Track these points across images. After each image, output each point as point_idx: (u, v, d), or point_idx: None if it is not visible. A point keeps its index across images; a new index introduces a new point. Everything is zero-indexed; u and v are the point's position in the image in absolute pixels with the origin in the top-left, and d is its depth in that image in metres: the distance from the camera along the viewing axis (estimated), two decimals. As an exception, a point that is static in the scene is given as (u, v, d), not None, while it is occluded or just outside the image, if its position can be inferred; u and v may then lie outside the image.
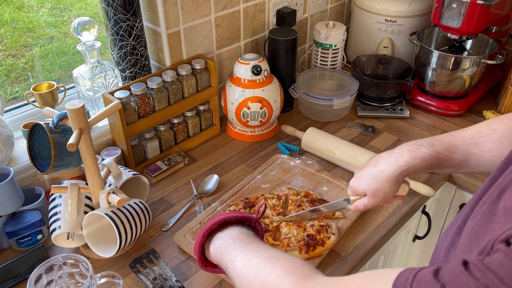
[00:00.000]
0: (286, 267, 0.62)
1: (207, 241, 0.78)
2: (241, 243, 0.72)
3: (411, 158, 0.77)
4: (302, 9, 1.49)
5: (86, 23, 1.08)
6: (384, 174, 0.79)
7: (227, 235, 0.75)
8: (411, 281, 0.45)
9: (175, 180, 1.16)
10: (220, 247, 0.74)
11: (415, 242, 1.33)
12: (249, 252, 0.69)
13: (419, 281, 0.44)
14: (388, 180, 0.78)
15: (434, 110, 1.42)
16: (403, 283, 0.46)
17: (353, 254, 0.95)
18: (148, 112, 1.14)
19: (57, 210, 0.92)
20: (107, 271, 0.86)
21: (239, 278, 0.67)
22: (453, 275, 0.43)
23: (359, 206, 0.84)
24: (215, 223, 0.77)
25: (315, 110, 1.36)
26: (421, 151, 0.77)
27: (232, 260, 0.70)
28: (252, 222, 0.80)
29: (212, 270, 0.79)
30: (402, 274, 0.47)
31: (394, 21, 1.49)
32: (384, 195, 0.80)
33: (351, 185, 0.85)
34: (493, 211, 0.50)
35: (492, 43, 1.40)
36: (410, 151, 0.78)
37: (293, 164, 1.19)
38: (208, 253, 0.78)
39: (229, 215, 0.78)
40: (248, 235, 0.75)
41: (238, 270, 0.67)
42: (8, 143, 1.01)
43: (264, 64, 1.23)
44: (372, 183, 0.80)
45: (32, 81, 1.26)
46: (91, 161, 0.86)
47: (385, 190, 0.79)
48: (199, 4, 1.18)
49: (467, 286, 0.41)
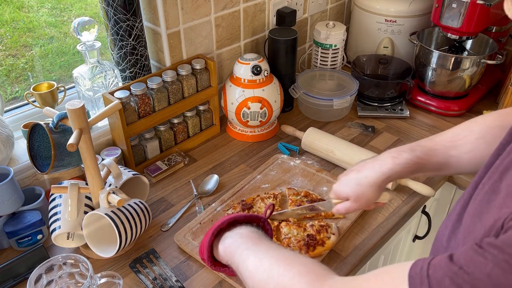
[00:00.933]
0: (300, 268, 0.61)
1: (215, 240, 0.78)
2: (252, 243, 0.72)
3: (394, 165, 0.80)
4: (302, 9, 1.49)
5: (86, 23, 1.08)
6: (368, 180, 0.81)
7: (237, 234, 0.75)
8: (426, 268, 0.45)
9: (175, 180, 1.16)
10: (231, 246, 0.74)
11: (415, 242, 1.33)
12: (261, 252, 0.68)
13: (435, 268, 0.45)
14: (371, 186, 0.81)
15: (434, 110, 1.42)
16: (418, 272, 0.46)
17: (353, 254, 0.95)
18: (148, 112, 1.14)
19: (57, 210, 0.92)
20: (107, 271, 0.86)
21: (251, 279, 0.66)
22: (469, 257, 0.43)
23: (341, 210, 0.86)
24: (224, 221, 0.77)
25: (315, 110, 1.36)
26: (403, 157, 0.80)
27: (243, 260, 0.69)
28: (260, 221, 0.80)
29: (221, 269, 0.78)
30: (416, 264, 0.47)
31: (394, 21, 1.49)
32: (367, 200, 0.83)
33: (334, 189, 0.87)
34: (495, 191, 0.50)
35: (492, 43, 1.40)
36: (393, 158, 0.81)
37: (293, 164, 1.19)
38: (216, 252, 0.77)
39: (238, 215, 0.78)
40: (258, 235, 0.74)
41: (250, 270, 0.67)
42: (8, 143, 1.01)
43: (264, 64, 1.23)
44: (356, 188, 0.83)
45: (32, 81, 1.26)
46: (91, 161, 0.86)
47: (368, 196, 0.82)
48: (199, 4, 1.18)
49: (485, 265, 0.41)
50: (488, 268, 0.41)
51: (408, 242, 1.31)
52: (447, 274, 0.43)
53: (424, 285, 0.45)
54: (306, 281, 0.59)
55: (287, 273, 0.62)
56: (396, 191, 1.11)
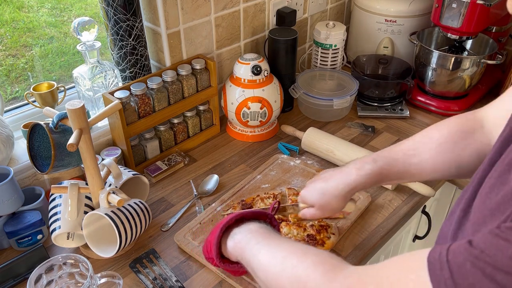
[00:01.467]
0: (314, 258, 0.61)
1: (222, 237, 0.78)
2: (262, 237, 0.72)
3: (358, 176, 0.82)
4: (302, 9, 1.49)
5: (86, 23, 1.08)
6: (332, 191, 0.84)
7: (247, 230, 0.75)
8: (445, 254, 0.45)
9: (175, 180, 1.16)
10: (241, 242, 0.74)
11: (415, 242, 1.33)
12: (272, 246, 0.69)
13: (455, 253, 0.44)
14: (336, 197, 0.84)
15: (434, 110, 1.42)
16: (437, 257, 0.45)
17: (353, 254, 0.95)
18: (148, 112, 1.14)
19: (57, 210, 0.92)
20: (107, 271, 0.86)
21: (264, 272, 0.66)
22: (488, 241, 0.42)
23: (306, 215, 0.90)
24: (231, 218, 0.77)
25: (315, 110, 1.36)
26: (366, 168, 0.82)
27: (254, 255, 0.69)
28: (267, 218, 0.81)
29: (229, 266, 0.78)
30: (434, 250, 0.47)
31: (394, 21, 1.49)
32: (331, 209, 0.87)
33: (302, 195, 0.90)
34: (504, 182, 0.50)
35: (492, 43, 1.40)
36: (357, 169, 0.83)
37: (293, 164, 1.19)
38: (224, 249, 0.78)
39: (245, 211, 0.79)
40: (267, 230, 0.75)
41: (263, 264, 0.67)
42: (8, 143, 1.01)
43: (264, 64, 1.23)
44: (321, 197, 0.86)
45: (32, 81, 1.26)
46: (91, 161, 0.86)
47: (333, 205, 0.86)
48: (199, 4, 1.18)
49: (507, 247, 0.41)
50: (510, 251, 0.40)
51: (408, 242, 1.31)
52: (468, 259, 0.43)
53: (445, 270, 0.44)
54: (321, 271, 0.58)
55: (301, 264, 0.61)
56: (396, 191, 1.11)
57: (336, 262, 0.60)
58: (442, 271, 0.44)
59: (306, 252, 0.64)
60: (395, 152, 0.83)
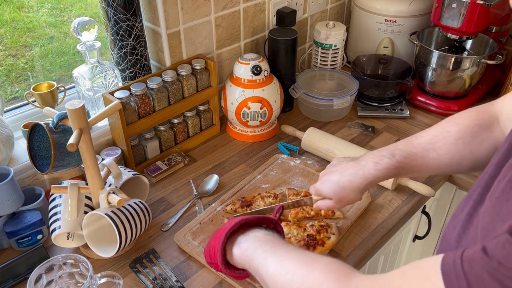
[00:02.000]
0: (324, 267, 0.61)
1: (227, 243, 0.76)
2: (269, 245, 0.71)
3: (376, 171, 0.82)
4: (302, 9, 1.49)
5: (86, 23, 1.08)
6: (351, 185, 0.84)
7: (253, 238, 0.74)
8: (460, 262, 0.44)
9: (175, 180, 1.16)
10: (247, 250, 0.72)
11: (415, 242, 1.33)
12: (280, 254, 0.68)
13: (471, 262, 0.43)
14: (354, 190, 0.84)
15: (434, 110, 1.42)
16: (452, 266, 0.44)
17: (353, 254, 0.95)
18: (148, 112, 1.14)
19: (57, 210, 0.92)
20: (107, 271, 0.86)
21: (273, 282, 0.66)
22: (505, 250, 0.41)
23: (322, 207, 0.90)
24: (236, 223, 0.76)
25: (315, 110, 1.36)
26: (384, 162, 0.81)
27: (262, 264, 0.68)
28: (271, 223, 0.79)
29: (235, 272, 0.77)
30: (447, 257, 0.46)
31: (394, 21, 1.49)
32: (348, 202, 0.87)
33: (316, 188, 0.89)
34: None
35: (492, 43, 1.40)
36: (375, 163, 0.82)
37: (293, 164, 1.19)
38: (229, 255, 0.76)
39: (249, 217, 0.78)
40: (273, 237, 0.74)
41: (271, 273, 0.66)
42: (8, 143, 1.01)
43: (264, 64, 1.23)
44: (339, 191, 0.85)
45: (32, 81, 1.26)
46: (91, 161, 0.86)
47: (350, 198, 0.86)
48: (199, 4, 1.18)
49: None
50: None
51: (408, 242, 1.31)
52: (486, 269, 0.42)
53: (461, 280, 0.43)
54: (332, 278, 0.58)
55: (311, 273, 0.61)
56: (396, 191, 1.11)
57: (346, 270, 0.60)
58: (459, 281, 0.43)
59: (316, 261, 0.63)
60: (414, 146, 0.82)
